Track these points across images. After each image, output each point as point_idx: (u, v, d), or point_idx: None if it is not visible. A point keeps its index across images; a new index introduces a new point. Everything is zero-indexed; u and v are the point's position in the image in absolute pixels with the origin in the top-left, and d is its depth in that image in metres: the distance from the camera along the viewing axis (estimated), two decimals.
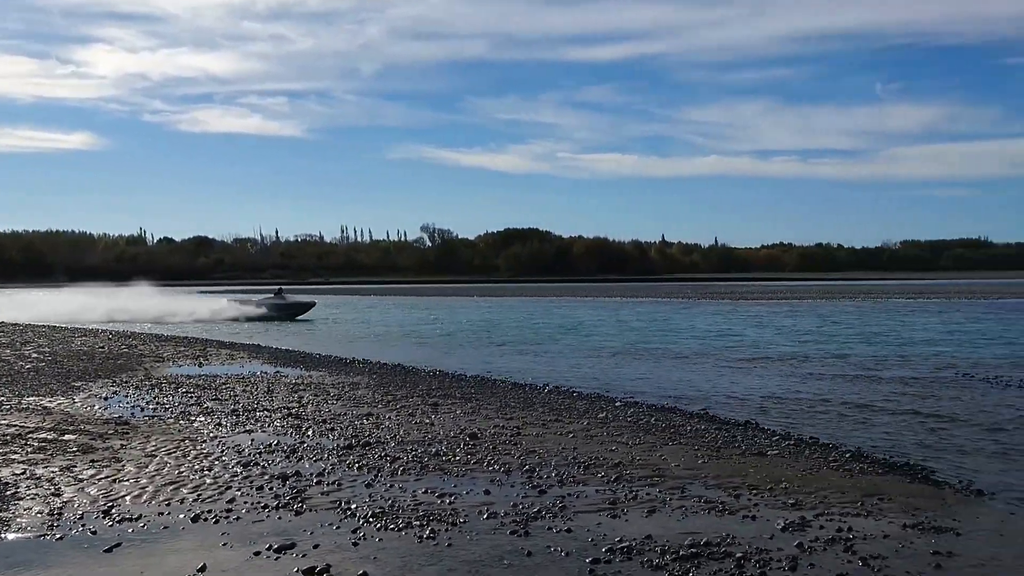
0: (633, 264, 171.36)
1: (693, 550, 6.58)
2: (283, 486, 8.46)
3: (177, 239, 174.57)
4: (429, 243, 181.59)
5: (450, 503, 7.90)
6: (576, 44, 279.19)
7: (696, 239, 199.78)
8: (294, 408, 13.42)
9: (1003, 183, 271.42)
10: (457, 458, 9.80)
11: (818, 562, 6.40)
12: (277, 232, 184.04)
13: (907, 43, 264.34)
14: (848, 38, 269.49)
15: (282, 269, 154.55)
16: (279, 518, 7.42)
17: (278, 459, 9.71)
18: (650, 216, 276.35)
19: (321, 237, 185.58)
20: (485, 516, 7.49)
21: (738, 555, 6.48)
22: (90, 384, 16.57)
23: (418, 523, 7.24)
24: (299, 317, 44.24)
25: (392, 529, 7.09)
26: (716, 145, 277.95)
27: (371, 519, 7.35)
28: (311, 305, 45.97)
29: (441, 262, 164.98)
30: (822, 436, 11.42)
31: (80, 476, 8.85)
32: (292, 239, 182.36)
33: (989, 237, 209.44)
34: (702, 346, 26.24)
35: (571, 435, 11.23)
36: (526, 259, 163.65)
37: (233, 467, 9.27)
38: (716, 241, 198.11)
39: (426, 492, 8.28)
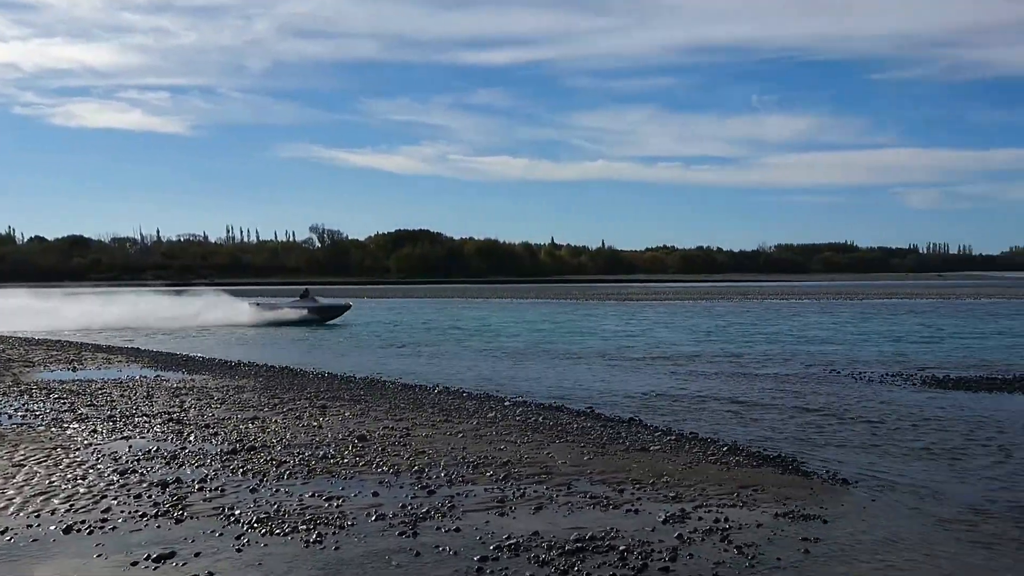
0: (523, 265, 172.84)
1: (578, 545, 6.75)
2: (163, 493, 8.20)
3: (49, 238, 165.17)
4: (318, 244, 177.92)
5: (338, 506, 7.83)
6: (467, 47, 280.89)
7: (584, 241, 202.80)
8: (175, 413, 12.98)
9: (867, 191, 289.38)
10: (345, 460, 9.70)
11: (697, 552, 6.67)
12: (158, 232, 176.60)
13: (781, 57, 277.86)
14: (726, 50, 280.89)
15: (163, 270, 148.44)
16: (158, 526, 7.19)
17: (158, 466, 9.39)
18: (540, 218, 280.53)
19: (205, 237, 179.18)
20: (373, 518, 7.46)
21: (621, 548, 6.68)
22: None
23: (304, 527, 7.15)
24: (331, 321, 40.65)
25: (278, 534, 6.98)
26: (603, 150, 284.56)
27: (256, 524, 7.21)
28: (346, 308, 42.08)
29: (331, 263, 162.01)
30: (702, 431, 11.86)
31: None
32: (175, 239, 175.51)
33: (855, 241, 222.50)
34: (604, 346, 26.71)
35: (460, 435, 11.29)
36: (417, 260, 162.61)
37: (109, 475, 8.91)
38: (603, 243, 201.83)
39: (313, 495, 8.18)
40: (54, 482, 8.63)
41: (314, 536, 6.92)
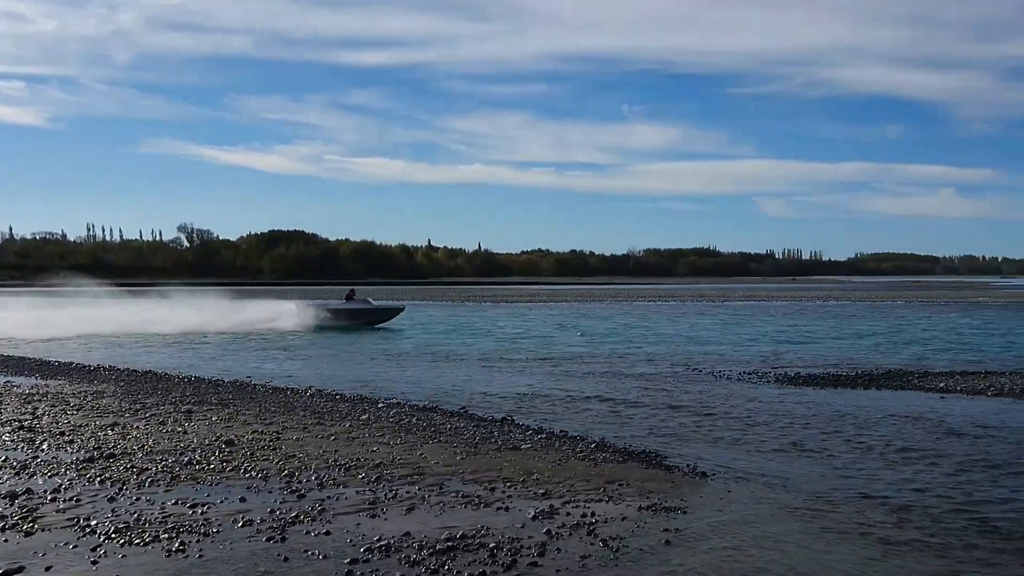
0: (400, 267, 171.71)
1: (449, 544, 6.83)
2: (11, 505, 7.75)
3: None
4: (187, 243, 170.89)
5: (202, 513, 7.62)
6: (343, 47, 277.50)
7: (461, 244, 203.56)
8: (27, 420, 12.26)
9: (729, 199, 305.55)
10: (211, 466, 9.44)
11: (564, 547, 6.87)
12: (11, 229, 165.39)
13: (649, 68, 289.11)
14: (598, 60, 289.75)
15: (16, 270, 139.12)
16: (6, 541, 6.81)
17: (6, 476, 8.87)
18: (417, 221, 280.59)
19: (64, 235, 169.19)
20: (240, 524, 7.31)
21: (491, 545, 6.80)
22: None
23: (166, 536, 6.93)
24: (381, 325, 37.37)
25: (137, 544, 6.74)
26: (479, 154, 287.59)
27: (113, 535, 6.93)
28: (401, 310, 39.36)
29: (201, 263, 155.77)
30: (573, 429, 12.15)
31: None
32: (29, 237, 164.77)
33: (717, 246, 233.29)
34: (492, 347, 26.72)
35: (333, 438, 11.16)
36: (292, 261, 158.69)
37: None
38: (480, 246, 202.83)
39: (176, 503, 7.92)
40: None
41: (176, 545, 6.72)
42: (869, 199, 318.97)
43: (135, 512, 7.59)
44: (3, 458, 9.70)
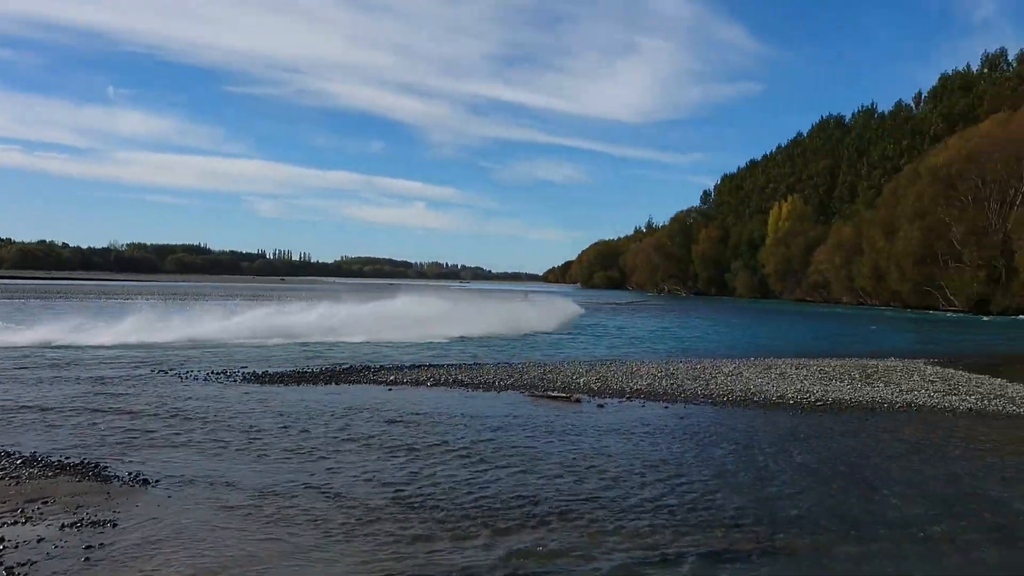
0: None
1: None
2: None
3: None
4: None
5: None
6: None
7: None
8: None
9: (221, 196, 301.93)
10: None
11: None
12: None
13: (139, 52, 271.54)
14: (80, 34, 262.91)
15: None
16: None
17: None
18: None
19: None
20: None
21: None
22: None
23: None
24: None
25: None
26: None
27: None
28: None
29: None
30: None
31: None
32: None
33: (208, 244, 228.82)
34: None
35: None
36: None
37: None
38: None
39: None
40: None
41: None
42: (354, 207, 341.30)
43: None
44: None
